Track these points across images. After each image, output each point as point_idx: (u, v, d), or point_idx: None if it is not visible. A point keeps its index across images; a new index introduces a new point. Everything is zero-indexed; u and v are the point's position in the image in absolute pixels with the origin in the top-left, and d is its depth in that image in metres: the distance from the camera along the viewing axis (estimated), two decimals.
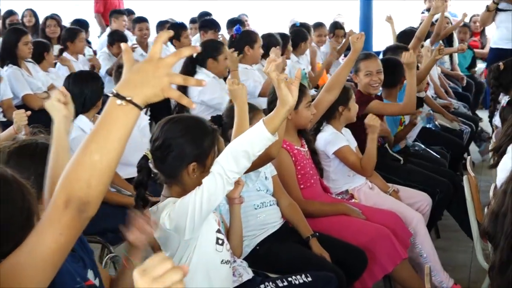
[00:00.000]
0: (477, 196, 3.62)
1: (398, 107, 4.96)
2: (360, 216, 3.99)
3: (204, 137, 2.73)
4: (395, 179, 4.71)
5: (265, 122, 2.58)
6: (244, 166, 2.57)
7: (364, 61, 4.80)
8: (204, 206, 2.54)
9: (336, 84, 4.17)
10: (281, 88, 2.61)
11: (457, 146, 5.95)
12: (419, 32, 6.51)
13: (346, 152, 4.25)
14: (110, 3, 10.58)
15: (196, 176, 2.68)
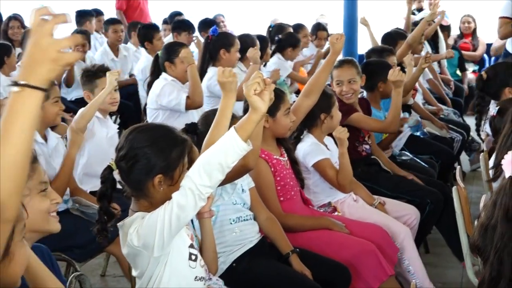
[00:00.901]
0: (467, 208, 3.66)
1: (380, 125, 5.02)
2: (343, 230, 4.01)
3: (172, 147, 2.72)
4: (382, 191, 4.75)
5: (237, 130, 2.59)
6: (217, 179, 2.58)
7: (336, 69, 4.83)
8: (173, 222, 2.54)
9: (315, 88, 4.19)
10: (249, 95, 2.63)
11: (447, 155, 5.99)
12: (411, 38, 6.56)
13: (326, 165, 4.26)
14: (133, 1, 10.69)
15: (164, 190, 2.69)
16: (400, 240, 4.21)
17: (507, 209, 2.52)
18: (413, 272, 4.21)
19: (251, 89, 2.62)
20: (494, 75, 5.07)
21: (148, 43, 7.61)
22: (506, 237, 2.52)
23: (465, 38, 10.55)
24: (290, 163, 4.09)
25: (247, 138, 2.61)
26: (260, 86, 2.61)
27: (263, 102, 2.61)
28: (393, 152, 5.47)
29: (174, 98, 5.39)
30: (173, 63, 5.49)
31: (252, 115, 2.63)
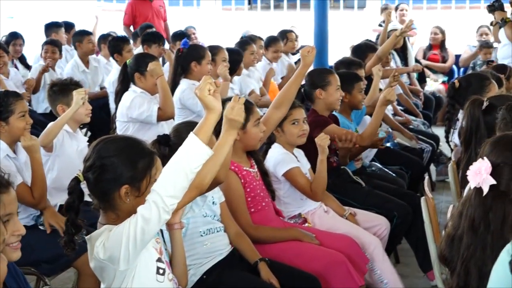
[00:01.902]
0: (435, 218, 3.69)
1: (355, 137, 5.05)
2: (314, 241, 4.03)
3: (139, 158, 2.73)
4: (352, 202, 4.78)
5: (196, 133, 2.65)
6: (182, 186, 2.58)
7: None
8: (138, 236, 2.54)
9: (285, 100, 4.21)
10: (204, 97, 2.68)
11: (417, 165, 6.04)
12: (381, 52, 6.62)
13: (296, 174, 4.29)
14: (140, 14, 10.47)
15: (130, 201, 2.68)
16: (371, 250, 4.24)
17: (473, 219, 2.55)
18: (386, 282, 4.24)
19: (205, 89, 2.69)
20: (467, 85, 5.11)
21: (118, 55, 7.59)
22: (472, 248, 2.54)
23: (434, 50, 10.64)
24: (261, 174, 4.11)
25: (207, 140, 2.66)
26: (212, 86, 2.68)
27: (217, 102, 2.69)
28: (363, 163, 5.51)
29: (145, 110, 5.39)
30: (143, 74, 5.48)
31: (209, 116, 2.72)
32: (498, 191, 2.52)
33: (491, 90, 4.89)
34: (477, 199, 2.55)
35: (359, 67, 6.08)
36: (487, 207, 2.52)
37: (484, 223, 2.52)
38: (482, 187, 2.52)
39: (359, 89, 5.44)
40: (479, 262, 2.52)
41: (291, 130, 4.37)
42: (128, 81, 5.60)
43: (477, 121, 4.00)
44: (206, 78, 2.74)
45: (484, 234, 2.52)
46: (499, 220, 2.50)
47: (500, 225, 2.50)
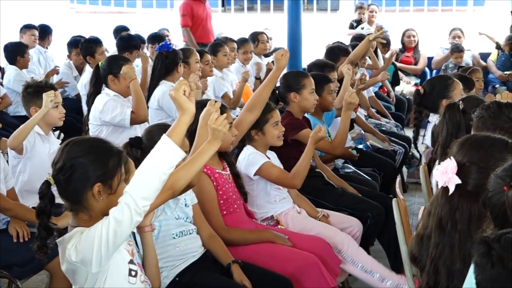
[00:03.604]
0: (407, 219, 3.73)
1: (327, 146, 5.11)
2: (286, 243, 4.06)
3: (108, 157, 2.74)
4: (325, 204, 4.82)
5: (168, 134, 2.68)
6: (154, 188, 2.61)
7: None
8: (110, 238, 2.56)
9: (257, 103, 4.24)
10: (178, 97, 2.72)
11: (389, 167, 6.09)
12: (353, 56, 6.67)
13: (268, 167, 4.32)
14: (197, 15, 10.09)
15: (103, 200, 2.70)
16: (345, 248, 4.28)
17: (440, 218, 2.60)
18: (370, 270, 4.28)
19: (180, 90, 2.73)
20: (431, 89, 5.18)
21: (90, 58, 7.55)
22: (440, 247, 2.60)
23: (407, 52, 10.73)
24: (233, 177, 4.13)
25: (180, 141, 2.69)
26: (187, 88, 2.72)
27: (191, 103, 2.73)
28: (336, 165, 5.56)
29: (119, 113, 5.39)
30: (117, 77, 5.48)
31: (182, 117, 2.77)
32: (464, 190, 2.57)
33: (455, 88, 4.96)
34: (444, 199, 2.60)
35: (332, 69, 6.12)
36: (453, 206, 2.58)
37: (451, 222, 2.58)
38: (448, 187, 2.57)
39: (329, 91, 5.49)
40: (447, 261, 2.57)
41: (273, 132, 4.39)
42: (100, 83, 5.60)
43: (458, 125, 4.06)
44: (182, 80, 2.77)
45: (452, 233, 2.58)
46: (466, 220, 2.56)
47: (466, 225, 2.55)
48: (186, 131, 2.79)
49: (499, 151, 2.64)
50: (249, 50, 8.37)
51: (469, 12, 13.33)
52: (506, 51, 10.21)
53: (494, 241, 1.89)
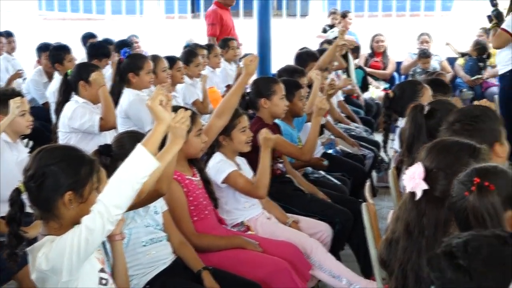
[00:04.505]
0: (376, 223, 3.76)
1: (297, 152, 5.13)
2: (256, 248, 4.07)
3: (80, 165, 2.73)
4: (295, 210, 4.84)
5: (144, 144, 2.69)
6: (127, 196, 2.60)
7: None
8: (82, 246, 2.55)
9: (226, 109, 4.26)
10: (155, 106, 2.72)
11: (359, 171, 6.13)
12: (322, 61, 6.70)
13: (235, 176, 4.33)
14: (225, 24, 9.83)
15: (74, 208, 2.69)
16: (314, 254, 4.30)
17: (408, 223, 2.62)
18: (337, 275, 4.30)
19: (156, 99, 2.74)
20: (401, 93, 5.22)
21: (59, 65, 7.50)
22: (408, 251, 2.62)
23: (376, 57, 10.82)
24: (203, 183, 4.14)
25: (155, 150, 2.69)
26: (164, 97, 2.73)
27: (168, 113, 2.74)
28: (306, 170, 5.58)
29: (87, 120, 5.38)
30: (88, 83, 5.47)
31: (158, 127, 2.79)
32: (432, 196, 2.59)
33: (424, 94, 5.00)
34: (412, 204, 2.62)
35: (302, 75, 6.16)
36: (421, 211, 2.60)
37: (418, 227, 2.60)
38: (415, 192, 2.59)
39: (300, 97, 5.53)
40: (415, 266, 2.59)
41: (240, 138, 4.40)
42: (69, 91, 5.58)
43: (420, 126, 4.09)
44: (159, 89, 2.78)
45: (419, 239, 2.59)
46: (433, 225, 2.58)
47: (433, 230, 2.57)
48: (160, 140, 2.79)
49: (466, 156, 2.67)
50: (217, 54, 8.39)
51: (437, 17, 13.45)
52: (473, 56, 10.32)
53: (460, 251, 1.92)
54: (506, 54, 7.31)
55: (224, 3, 9.59)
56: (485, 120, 3.35)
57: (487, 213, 2.30)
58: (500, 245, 1.91)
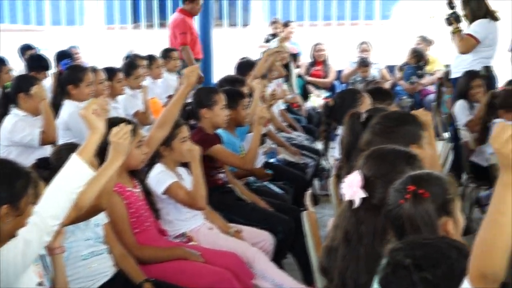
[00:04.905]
0: (316, 231, 3.79)
1: (238, 161, 5.15)
2: (199, 259, 4.06)
3: (16, 179, 2.69)
4: (237, 219, 4.85)
5: (78, 153, 2.70)
6: (63, 207, 2.59)
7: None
8: (19, 259, 2.52)
9: (167, 120, 4.25)
10: (88, 115, 2.72)
11: (300, 180, 6.17)
12: (257, 71, 6.74)
13: (175, 188, 4.31)
14: (192, 33, 9.60)
15: (10, 222, 2.65)
16: (256, 263, 4.31)
17: (346, 231, 2.65)
18: (280, 284, 4.30)
19: (89, 108, 2.75)
20: (341, 102, 5.29)
21: None
22: (347, 258, 2.65)
23: (317, 66, 10.91)
24: (144, 194, 4.12)
25: (90, 160, 2.69)
26: (97, 107, 2.74)
27: (101, 122, 2.75)
28: (248, 180, 5.60)
29: (28, 134, 5.31)
30: (28, 95, 5.40)
31: (92, 136, 2.82)
32: (370, 204, 2.63)
33: (363, 103, 5.08)
34: (350, 211, 2.65)
35: (242, 84, 6.20)
36: (359, 219, 2.63)
37: (357, 235, 2.63)
38: (354, 200, 2.62)
39: (243, 106, 5.56)
40: (354, 273, 2.62)
41: (181, 148, 4.40)
42: (8, 104, 5.50)
43: (357, 134, 4.15)
44: (92, 100, 2.79)
45: (357, 246, 2.63)
46: (371, 233, 2.61)
47: (371, 238, 2.60)
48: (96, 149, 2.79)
49: (402, 164, 2.71)
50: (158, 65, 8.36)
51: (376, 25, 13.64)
52: (411, 64, 10.49)
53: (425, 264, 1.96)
54: (467, 58, 7.50)
55: (190, 11, 9.59)
56: (404, 124, 3.44)
57: (422, 221, 2.35)
58: (459, 256, 1.96)
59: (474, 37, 7.34)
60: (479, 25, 7.38)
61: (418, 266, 1.97)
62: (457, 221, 2.42)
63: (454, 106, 7.04)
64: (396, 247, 2.06)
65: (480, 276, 1.86)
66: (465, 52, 7.41)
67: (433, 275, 1.95)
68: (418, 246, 2.04)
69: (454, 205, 2.42)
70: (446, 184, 2.43)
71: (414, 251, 2.00)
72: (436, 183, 2.42)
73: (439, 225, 2.38)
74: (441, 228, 2.38)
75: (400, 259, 1.99)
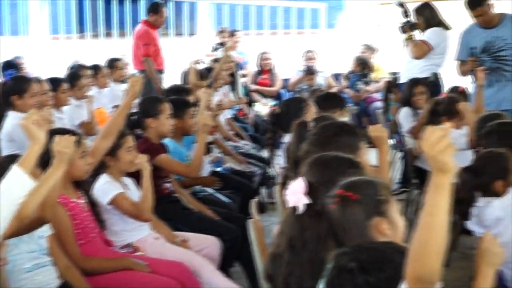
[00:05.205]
0: (262, 239, 3.81)
1: (185, 169, 5.16)
2: (145, 269, 4.04)
3: None
4: (184, 228, 4.84)
5: (19, 164, 2.69)
6: (4, 216, 2.57)
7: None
8: None
9: (112, 130, 4.24)
10: (29, 126, 2.70)
11: (247, 188, 6.18)
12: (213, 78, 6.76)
13: (121, 199, 4.30)
14: (155, 44, 9.59)
15: None
16: (203, 272, 4.31)
17: (290, 238, 2.68)
18: None
19: (30, 119, 2.73)
20: (287, 110, 5.33)
21: None
22: (291, 264, 2.67)
23: (264, 74, 10.96)
24: (89, 205, 4.10)
25: (31, 170, 2.67)
26: (38, 117, 2.73)
27: (42, 133, 2.75)
28: (194, 189, 5.59)
29: None
30: None
31: (33, 147, 2.82)
32: (313, 210, 2.65)
33: (309, 111, 5.12)
34: (294, 218, 2.68)
35: (188, 93, 6.21)
36: (303, 225, 2.65)
37: (301, 241, 2.65)
38: (297, 206, 2.65)
39: (189, 115, 5.56)
40: (298, 279, 2.64)
41: (126, 157, 4.39)
42: None
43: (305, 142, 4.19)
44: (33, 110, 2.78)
45: (301, 252, 2.65)
46: (314, 239, 2.64)
47: (315, 244, 2.63)
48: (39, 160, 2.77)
49: (344, 170, 2.76)
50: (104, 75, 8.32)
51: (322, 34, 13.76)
52: (356, 72, 10.61)
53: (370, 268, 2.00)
54: (418, 63, 7.70)
55: (154, 23, 9.60)
56: (341, 135, 3.48)
57: (349, 223, 2.42)
58: (403, 260, 1.99)
59: (428, 43, 7.59)
60: (432, 33, 7.64)
61: (362, 269, 2.00)
62: (393, 222, 2.46)
63: (399, 113, 7.15)
64: (341, 252, 2.09)
65: (416, 278, 1.90)
66: (419, 57, 7.63)
67: (377, 279, 1.99)
68: (363, 250, 2.07)
69: (388, 207, 2.47)
70: (377, 186, 2.49)
71: (359, 255, 2.04)
72: (366, 186, 2.49)
73: (370, 226, 2.43)
74: (374, 228, 2.42)
75: (344, 263, 2.03)
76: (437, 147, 1.91)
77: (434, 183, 1.95)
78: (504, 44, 7.00)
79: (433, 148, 1.91)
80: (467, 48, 7.15)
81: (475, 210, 4.13)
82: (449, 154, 1.93)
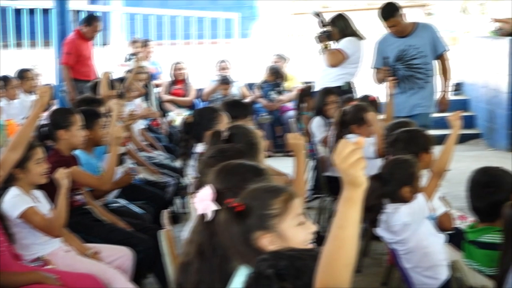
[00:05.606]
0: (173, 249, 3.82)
1: (96, 182, 5.13)
2: (55, 283, 3.99)
3: None
4: (95, 241, 4.80)
5: None
6: None
7: None
8: None
9: (21, 142, 4.16)
10: None
11: (161, 199, 6.18)
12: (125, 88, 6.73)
13: (31, 214, 4.24)
14: (81, 55, 9.60)
15: None
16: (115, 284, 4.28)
17: (200, 245, 2.71)
18: None
19: None
20: (199, 119, 5.35)
21: None
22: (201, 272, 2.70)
23: (178, 84, 10.95)
24: None
25: None
26: None
27: None
28: (107, 200, 5.56)
29: None
30: None
31: None
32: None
33: (221, 121, 5.17)
34: (203, 225, 2.71)
35: (100, 104, 6.17)
36: (212, 232, 2.69)
37: (211, 247, 2.69)
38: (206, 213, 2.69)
39: (100, 126, 5.54)
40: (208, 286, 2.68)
41: (36, 169, 4.33)
42: None
43: None
44: None
45: (211, 258, 2.69)
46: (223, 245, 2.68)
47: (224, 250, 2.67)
48: None
49: (251, 176, 2.81)
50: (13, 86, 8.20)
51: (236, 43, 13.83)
52: (269, 81, 10.72)
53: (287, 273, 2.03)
54: (332, 72, 7.90)
55: (85, 34, 9.57)
56: (233, 157, 3.48)
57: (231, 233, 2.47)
58: (313, 262, 2.03)
59: (343, 52, 7.81)
60: (348, 42, 7.87)
61: (280, 276, 2.03)
62: (283, 236, 2.42)
63: (311, 122, 7.27)
64: (262, 258, 2.12)
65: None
66: (334, 66, 7.83)
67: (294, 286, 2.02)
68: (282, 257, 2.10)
69: (277, 221, 2.43)
70: (270, 199, 2.45)
71: (278, 262, 2.07)
72: (257, 197, 2.47)
73: (252, 239, 2.43)
74: (257, 241, 2.42)
75: (263, 269, 2.06)
76: (348, 160, 1.93)
77: (345, 196, 1.97)
78: (416, 53, 7.27)
79: (344, 161, 1.93)
80: (382, 57, 7.38)
81: (384, 216, 4.23)
82: (360, 168, 1.94)
